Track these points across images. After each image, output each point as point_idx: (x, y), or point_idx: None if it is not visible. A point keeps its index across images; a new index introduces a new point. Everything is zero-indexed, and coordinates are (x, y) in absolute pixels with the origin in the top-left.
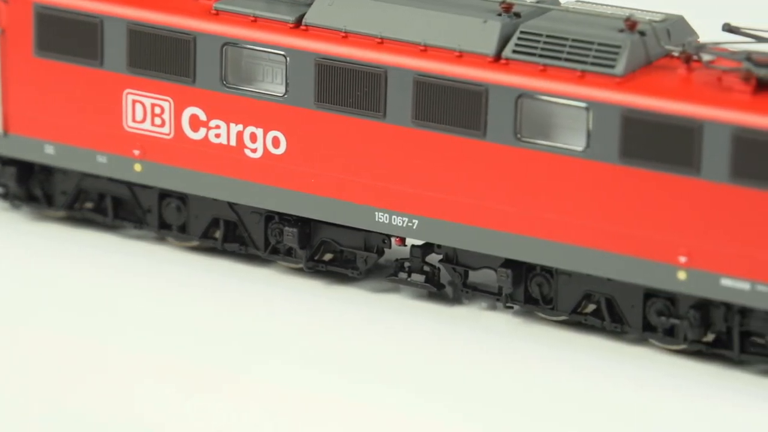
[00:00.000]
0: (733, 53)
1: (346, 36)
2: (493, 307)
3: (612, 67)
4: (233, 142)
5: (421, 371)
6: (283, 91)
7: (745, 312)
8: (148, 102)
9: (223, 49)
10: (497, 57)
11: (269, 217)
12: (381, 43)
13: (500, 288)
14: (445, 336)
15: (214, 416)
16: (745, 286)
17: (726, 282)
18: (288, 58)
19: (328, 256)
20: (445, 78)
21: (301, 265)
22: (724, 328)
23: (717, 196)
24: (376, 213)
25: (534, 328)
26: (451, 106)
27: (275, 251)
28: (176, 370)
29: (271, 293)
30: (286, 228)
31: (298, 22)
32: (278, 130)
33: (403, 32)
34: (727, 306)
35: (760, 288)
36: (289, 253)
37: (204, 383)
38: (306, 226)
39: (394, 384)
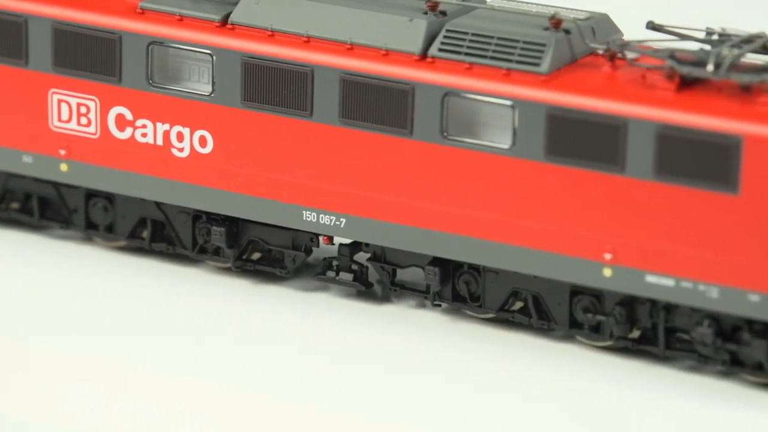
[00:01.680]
0: (657, 51)
1: (272, 35)
2: (422, 305)
3: (537, 65)
4: (160, 142)
5: (349, 369)
6: (210, 90)
7: (670, 308)
8: (73, 101)
9: (149, 48)
10: (423, 55)
11: (197, 216)
12: (307, 41)
13: (428, 286)
14: (374, 334)
15: (142, 416)
16: (669, 282)
17: (651, 278)
18: (214, 57)
19: (256, 256)
20: (372, 76)
21: (229, 265)
22: (649, 324)
23: (641, 193)
24: (304, 212)
25: (462, 325)
26: (377, 105)
27: (203, 251)
28: (104, 369)
29: (199, 293)
30: (214, 227)
31: (225, 20)
32: (205, 130)
33: (330, 31)
34: (653, 302)
35: (685, 284)
36: (217, 252)
37: (131, 383)
38: (234, 225)
39: (320, 382)
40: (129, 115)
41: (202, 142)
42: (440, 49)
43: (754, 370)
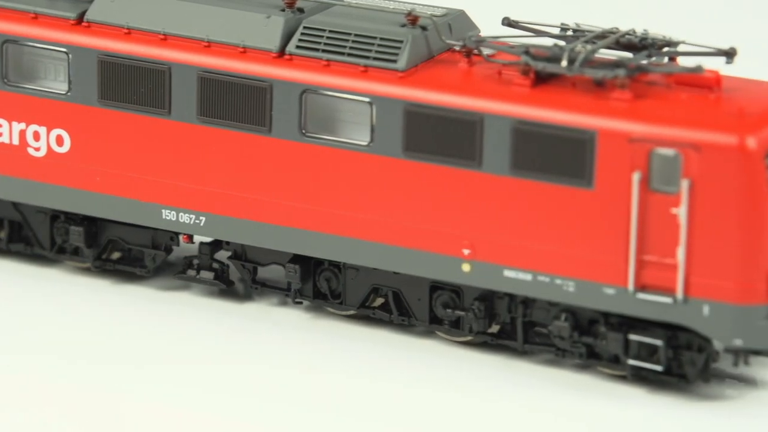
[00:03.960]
0: (513, 47)
1: (129, 32)
2: (283, 303)
3: (394, 61)
4: (16, 141)
5: (211, 368)
6: (66, 88)
7: (528, 303)
8: None
9: (3, 46)
10: (281, 52)
11: (55, 216)
12: (164, 39)
13: (289, 284)
14: (236, 332)
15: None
16: (527, 276)
17: (509, 273)
18: (70, 56)
19: (115, 255)
20: (229, 74)
21: (88, 264)
22: (508, 319)
23: (498, 188)
24: (163, 210)
25: (323, 322)
26: (235, 102)
27: (62, 251)
28: None
29: (58, 293)
30: (72, 227)
31: (80, 18)
32: (62, 128)
33: (187, 28)
34: (511, 297)
35: (542, 278)
36: (76, 252)
37: None
38: (93, 224)
39: (181, 381)
40: None
41: (59, 141)
42: (298, 47)
43: (611, 362)
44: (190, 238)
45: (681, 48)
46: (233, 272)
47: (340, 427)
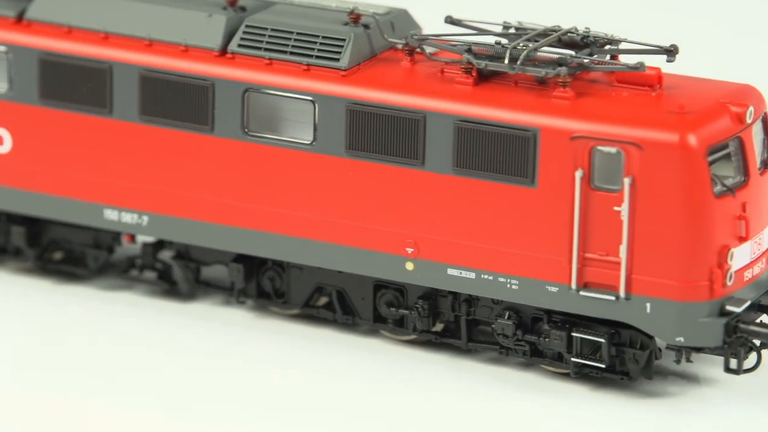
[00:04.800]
0: (455, 45)
1: (70, 31)
2: (227, 303)
3: (336, 60)
4: None
5: (154, 368)
6: (7, 87)
7: (471, 301)
8: None
9: None
10: (223, 51)
11: None
12: (106, 38)
13: (233, 283)
14: (180, 332)
15: None
16: (470, 275)
17: (452, 271)
18: (10, 54)
19: (58, 255)
20: (171, 73)
21: (30, 265)
22: (452, 317)
23: (441, 187)
24: (105, 210)
25: (267, 321)
26: (178, 101)
27: (2, 251)
28: None
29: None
30: (14, 227)
31: (20, 16)
32: (3, 128)
33: (129, 27)
34: (455, 295)
35: (485, 277)
36: (17, 252)
37: None
38: (34, 224)
39: (122, 382)
40: None
41: (0, 140)
42: (240, 45)
43: (554, 360)
44: (132, 237)
45: (623, 46)
46: (177, 272)
47: (283, 426)
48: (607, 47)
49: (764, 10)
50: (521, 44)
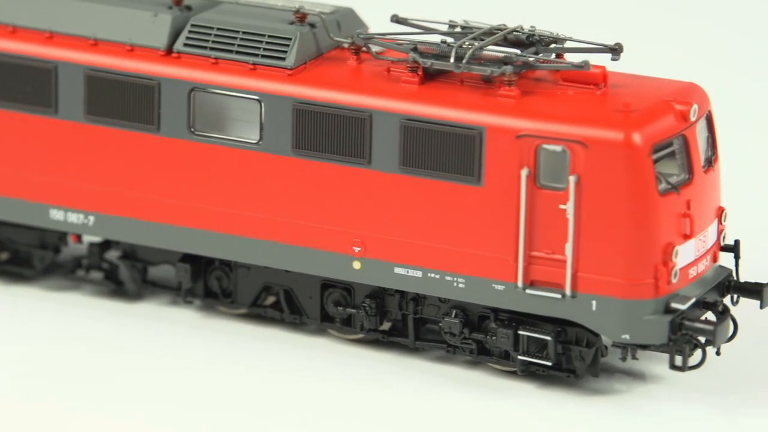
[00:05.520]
0: (401, 44)
1: (14, 31)
2: (174, 302)
3: (283, 59)
4: None
5: (101, 369)
6: None
7: (419, 300)
8: None
9: None
10: (169, 50)
11: None
12: (50, 37)
13: (180, 283)
14: (127, 332)
15: None
16: (417, 273)
17: (399, 270)
18: None
19: (3, 256)
20: (117, 72)
21: None
22: (399, 316)
23: (388, 185)
24: (51, 210)
25: (215, 321)
26: (123, 101)
27: None
28: None
29: None
30: None
31: None
32: None
33: (74, 26)
34: (402, 294)
35: (432, 275)
36: None
37: None
38: None
39: (71, 381)
40: None
41: None
42: (186, 44)
43: (501, 358)
44: (78, 238)
45: (568, 44)
46: (123, 272)
47: (232, 426)
48: (553, 46)
49: (708, 9)
50: (467, 43)
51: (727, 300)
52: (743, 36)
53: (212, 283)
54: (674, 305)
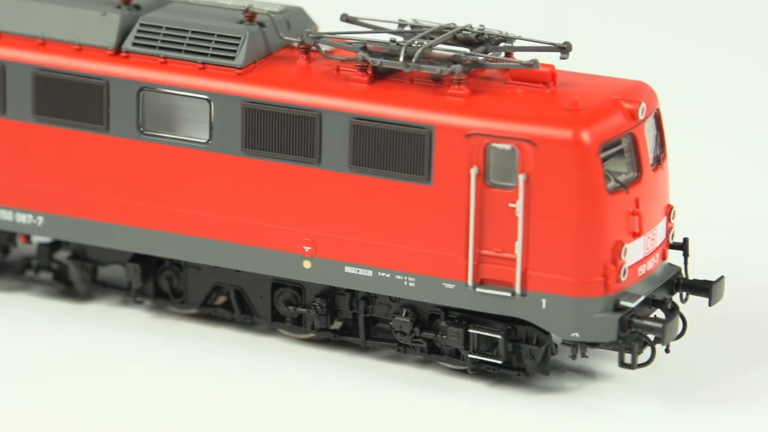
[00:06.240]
0: (350, 43)
1: None
2: (125, 303)
3: (232, 58)
4: None
5: (51, 370)
6: None
7: (369, 299)
8: None
9: None
10: (117, 50)
11: None
12: None
13: (130, 283)
14: (77, 332)
15: None
16: (368, 273)
17: (350, 269)
18: None
19: None
20: (65, 72)
21: None
22: (350, 315)
23: (338, 185)
24: None
25: (165, 322)
26: (72, 100)
27: None
28: None
29: None
30: None
31: None
32: None
33: (21, 26)
34: (352, 293)
35: (383, 274)
36: None
37: None
38: None
39: (22, 384)
40: None
41: None
42: (134, 44)
43: (452, 357)
44: (27, 238)
45: (517, 43)
46: (73, 272)
47: (181, 425)
48: (502, 45)
49: (655, 7)
50: (416, 42)
51: (676, 297)
52: (690, 35)
53: (162, 283)
54: (623, 303)
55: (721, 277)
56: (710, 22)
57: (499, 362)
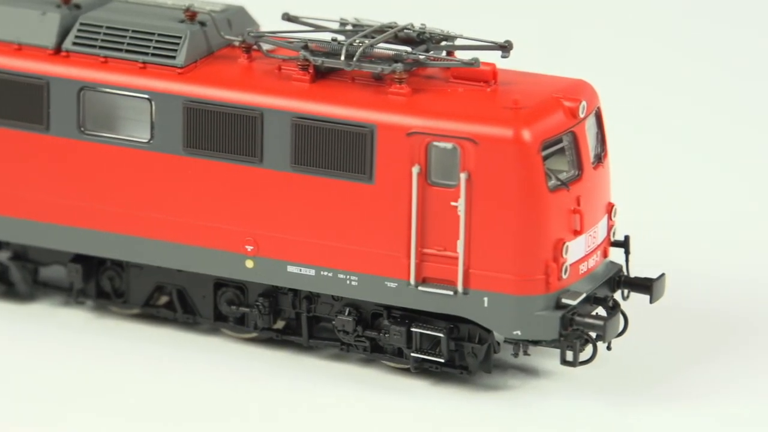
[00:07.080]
0: (292, 42)
1: None
2: (67, 303)
3: (173, 57)
4: None
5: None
6: None
7: (312, 298)
8: None
9: None
10: (57, 49)
11: None
12: None
13: (72, 283)
14: (20, 334)
15: None
16: (310, 272)
17: (292, 269)
18: None
19: None
20: (4, 71)
21: None
22: (293, 314)
23: (279, 184)
24: None
25: (107, 322)
26: (11, 100)
27: None
28: None
29: None
30: None
31: None
32: None
33: None
34: (295, 292)
35: (325, 273)
36: None
37: None
38: None
39: None
40: None
41: None
42: (75, 43)
43: (395, 356)
44: None
45: (458, 42)
46: (14, 273)
47: (125, 427)
48: (443, 43)
49: (597, 6)
50: (357, 41)
51: (617, 295)
52: (631, 34)
53: (104, 283)
54: (565, 301)
55: (662, 275)
56: (652, 20)
57: (442, 361)
